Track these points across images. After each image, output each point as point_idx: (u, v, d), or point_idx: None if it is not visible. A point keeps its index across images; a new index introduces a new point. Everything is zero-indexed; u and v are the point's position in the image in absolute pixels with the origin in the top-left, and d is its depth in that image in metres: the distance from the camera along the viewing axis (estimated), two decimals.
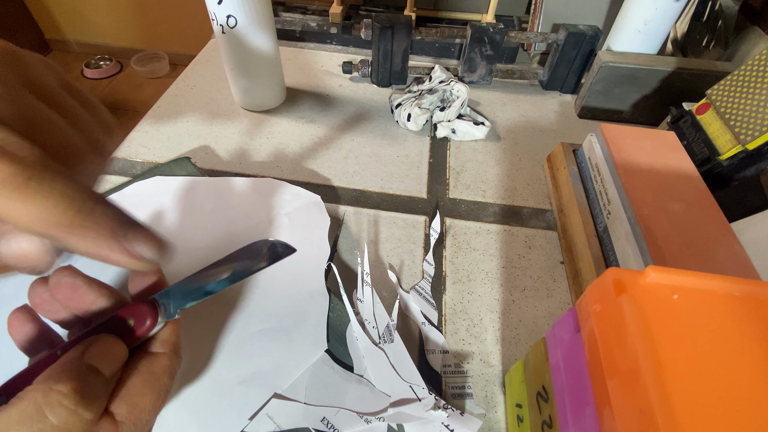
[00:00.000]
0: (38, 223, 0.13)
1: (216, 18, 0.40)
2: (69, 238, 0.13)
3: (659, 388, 0.14)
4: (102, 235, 0.14)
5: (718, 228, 0.30)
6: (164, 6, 1.78)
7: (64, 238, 0.13)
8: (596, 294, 0.19)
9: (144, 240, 0.15)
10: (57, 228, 0.13)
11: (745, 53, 0.51)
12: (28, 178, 0.12)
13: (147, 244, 0.15)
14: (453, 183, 0.44)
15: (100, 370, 0.16)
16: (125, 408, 0.16)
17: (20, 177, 0.12)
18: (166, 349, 0.19)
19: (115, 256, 0.14)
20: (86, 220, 0.13)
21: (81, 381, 0.15)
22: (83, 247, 0.14)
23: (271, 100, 0.50)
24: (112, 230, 0.14)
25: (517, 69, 0.57)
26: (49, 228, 0.13)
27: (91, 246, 0.14)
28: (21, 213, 0.12)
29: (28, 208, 0.12)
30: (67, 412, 0.14)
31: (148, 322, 0.18)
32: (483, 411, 0.28)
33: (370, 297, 0.32)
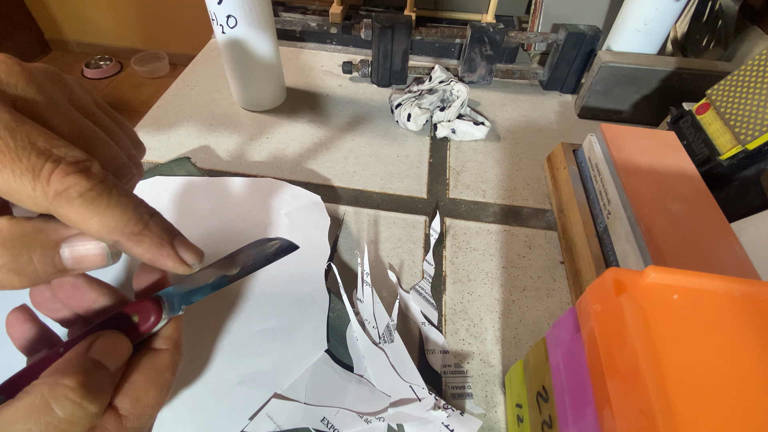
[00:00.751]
0: (107, 231, 0.15)
1: (216, 18, 0.40)
2: (129, 243, 0.15)
3: (659, 388, 0.14)
4: (155, 242, 0.16)
5: (718, 228, 0.30)
6: (164, 6, 1.79)
7: (125, 243, 0.15)
8: (596, 294, 0.19)
9: (187, 247, 0.17)
10: (121, 235, 0.15)
11: (745, 53, 0.51)
12: (100, 192, 0.14)
13: (189, 251, 0.17)
14: (453, 183, 0.44)
15: (105, 365, 0.16)
16: (129, 402, 0.17)
17: (94, 191, 0.14)
18: (168, 345, 0.19)
19: (164, 259, 0.16)
20: (144, 228, 0.15)
21: (87, 375, 0.15)
22: (139, 251, 0.16)
23: (271, 100, 0.50)
24: (163, 237, 0.16)
25: (517, 69, 0.57)
26: (115, 234, 0.15)
27: (146, 251, 0.16)
28: (93, 222, 0.14)
29: (99, 218, 0.14)
30: (73, 405, 0.14)
31: (152, 318, 0.18)
32: (483, 411, 0.28)
33: (370, 297, 0.32)
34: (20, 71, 0.15)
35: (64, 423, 0.14)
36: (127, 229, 0.15)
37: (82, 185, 0.14)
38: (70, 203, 0.14)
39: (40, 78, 0.16)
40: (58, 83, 0.17)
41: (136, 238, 0.15)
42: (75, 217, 0.14)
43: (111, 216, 0.14)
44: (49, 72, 0.16)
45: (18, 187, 0.13)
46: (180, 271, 0.17)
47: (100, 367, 0.16)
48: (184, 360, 0.28)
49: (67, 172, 0.14)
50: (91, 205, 0.14)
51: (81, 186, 0.14)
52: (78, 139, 0.15)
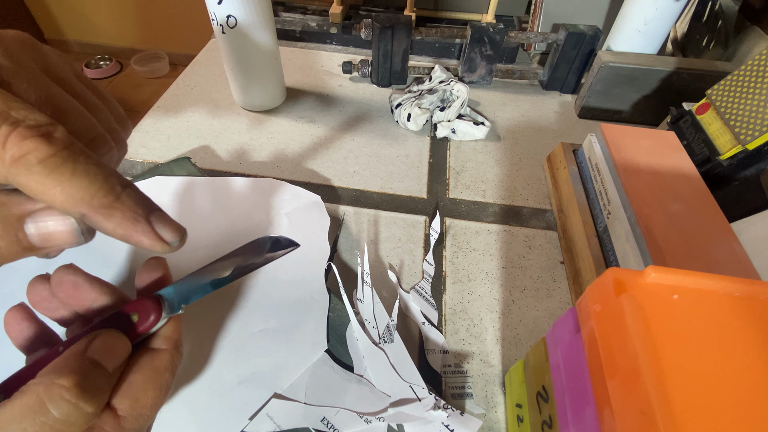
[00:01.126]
0: (72, 202, 0.13)
1: (216, 18, 0.40)
2: (98, 217, 0.14)
3: (659, 388, 0.14)
4: (128, 216, 0.14)
5: (718, 228, 0.30)
6: (164, 6, 1.79)
7: (94, 216, 0.14)
8: (596, 294, 0.19)
9: (165, 223, 0.16)
10: (89, 207, 0.13)
11: (745, 53, 0.51)
12: (64, 158, 0.13)
13: (168, 227, 0.16)
14: (453, 183, 0.44)
15: (103, 364, 0.16)
16: (127, 403, 0.16)
17: (57, 157, 0.13)
18: (168, 345, 0.19)
19: (138, 236, 0.15)
20: (115, 200, 0.14)
21: (83, 375, 0.15)
22: (111, 226, 0.14)
23: (271, 100, 0.50)
24: (138, 212, 0.15)
25: (517, 69, 0.57)
26: (82, 207, 0.13)
27: (118, 225, 0.14)
28: (56, 192, 0.13)
29: (63, 187, 0.13)
30: (68, 405, 0.14)
31: (152, 317, 0.18)
32: (483, 411, 0.28)
33: (370, 297, 0.32)
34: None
35: (59, 423, 0.14)
36: (95, 200, 0.13)
37: (42, 150, 0.13)
38: (29, 170, 0.12)
39: (10, 43, 0.15)
40: (32, 51, 0.15)
41: (105, 211, 0.14)
42: (35, 186, 0.13)
43: (76, 185, 0.13)
44: (24, 39, 0.15)
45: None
46: (158, 249, 0.15)
47: (97, 366, 0.16)
48: (185, 360, 0.28)
49: (25, 135, 0.12)
50: (53, 172, 0.13)
51: (41, 151, 0.13)
52: (46, 106, 0.14)
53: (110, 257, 0.33)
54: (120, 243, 0.34)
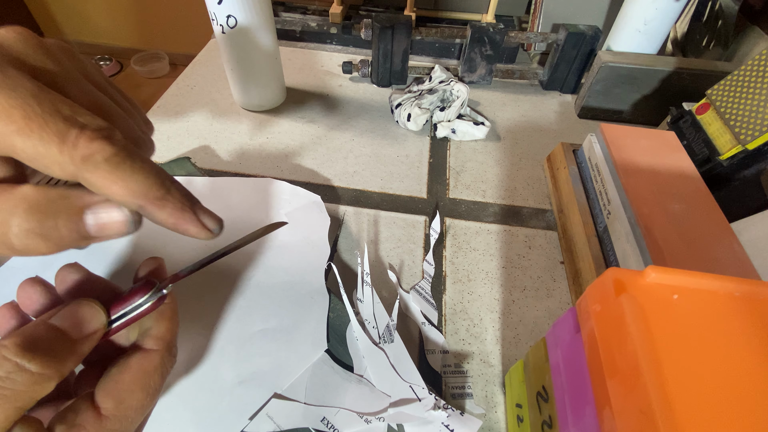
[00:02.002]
0: (131, 195, 0.15)
1: (216, 18, 0.40)
2: (153, 208, 0.15)
3: (659, 388, 0.14)
4: (177, 207, 0.16)
5: (718, 228, 0.30)
6: (164, 6, 1.79)
7: (149, 207, 0.15)
8: (596, 294, 0.19)
9: (207, 214, 0.17)
10: (145, 199, 0.15)
11: (745, 53, 0.51)
12: (124, 157, 0.14)
13: (210, 216, 0.17)
14: (453, 183, 0.44)
15: (65, 330, 0.16)
16: (112, 403, 0.16)
17: (119, 156, 0.14)
18: (159, 346, 0.19)
19: (186, 224, 0.16)
20: (167, 193, 0.16)
21: (29, 337, 0.15)
22: (163, 216, 0.16)
23: (271, 100, 0.50)
24: (185, 203, 0.16)
25: (517, 69, 0.57)
26: (139, 199, 0.15)
27: (170, 215, 0.16)
28: (118, 186, 0.14)
29: (125, 182, 0.14)
30: (8, 363, 0.14)
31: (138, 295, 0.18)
32: (483, 411, 0.28)
33: (370, 297, 0.32)
34: (37, 44, 0.15)
35: (3, 381, 0.14)
36: (150, 193, 0.15)
37: (107, 150, 0.14)
38: (96, 167, 0.14)
39: (56, 51, 0.16)
40: (72, 58, 0.17)
41: (159, 202, 0.15)
42: (101, 181, 0.14)
43: (135, 180, 0.15)
44: (63, 47, 0.17)
45: (45, 152, 0.14)
46: (202, 236, 0.17)
47: (55, 331, 0.16)
48: (185, 359, 0.28)
49: (92, 137, 0.14)
50: (116, 169, 0.14)
51: (106, 151, 0.14)
52: (96, 110, 0.16)
53: (110, 257, 0.33)
54: (119, 243, 0.34)
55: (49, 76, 0.15)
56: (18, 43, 0.15)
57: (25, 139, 0.13)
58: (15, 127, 0.13)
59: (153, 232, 0.35)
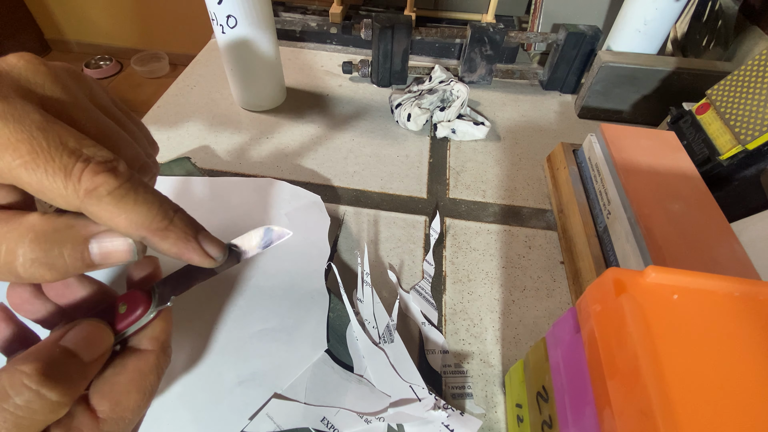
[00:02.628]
0: (134, 227, 0.15)
1: (216, 18, 0.40)
2: (156, 239, 0.16)
3: (659, 388, 0.14)
4: (181, 237, 0.16)
5: (718, 228, 0.30)
6: (164, 6, 1.79)
7: (152, 239, 0.16)
8: (596, 294, 0.19)
9: (211, 241, 0.18)
10: (148, 231, 0.15)
11: (745, 53, 0.51)
12: (127, 189, 0.15)
13: (213, 244, 0.18)
14: (453, 183, 0.44)
15: (77, 353, 0.16)
16: (108, 405, 0.16)
17: (122, 189, 0.15)
18: (155, 346, 0.18)
19: (190, 253, 0.17)
20: (170, 224, 0.16)
21: (49, 362, 0.14)
22: (166, 246, 0.16)
23: (271, 100, 0.50)
24: (188, 232, 0.17)
25: (517, 69, 0.57)
26: (142, 231, 0.15)
27: (173, 245, 0.16)
28: (122, 219, 0.15)
29: (128, 215, 0.15)
30: (29, 392, 0.14)
31: (141, 308, 0.18)
32: (483, 411, 0.28)
33: (370, 297, 0.32)
34: (46, 71, 0.15)
35: (21, 410, 0.13)
36: (153, 225, 0.15)
37: (110, 183, 0.14)
38: (100, 201, 0.14)
39: (64, 77, 0.16)
40: (80, 82, 0.17)
41: (162, 233, 0.16)
42: (104, 214, 0.15)
43: (138, 213, 0.15)
44: (71, 71, 0.17)
45: (51, 185, 0.14)
46: (206, 265, 0.17)
47: (69, 355, 0.15)
48: (185, 359, 0.28)
49: (96, 171, 0.14)
50: (120, 202, 0.15)
51: (110, 184, 0.14)
52: (103, 138, 0.16)
53: None
54: None
55: (56, 105, 0.15)
56: (26, 71, 0.15)
57: (31, 173, 0.14)
58: (21, 161, 0.13)
59: None
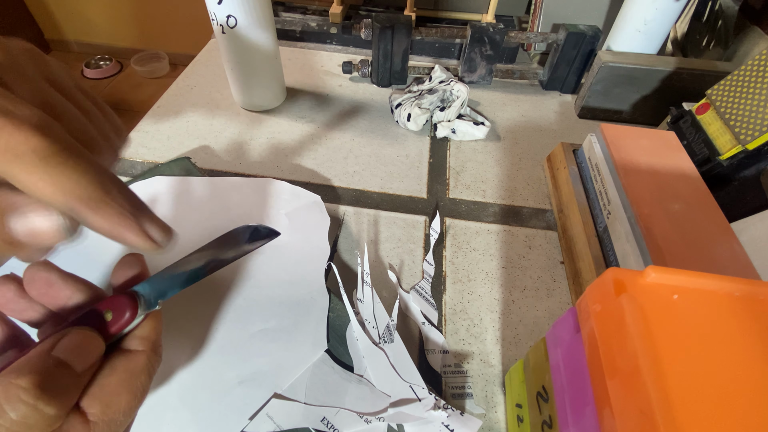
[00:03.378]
0: (60, 194, 0.13)
1: (216, 18, 0.40)
2: (86, 210, 0.14)
3: (659, 388, 0.14)
4: (118, 213, 0.14)
5: (718, 228, 0.30)
6: (164, 6, 1.79)
7: (81, 210, 0.14)
8: (596, 294, 0.19)
9: (154, 222, 0.16)
10: (77, 199, 0.13)
11: (745, 53, 0.51)
12: (56, 151, 0.13)
13: (156, 226, 0.16)
14: (453, 183, 0.44)
15: (70, 364, 0.15)
16: (98, 408, 0.16)
17: (48, 150, 0.13)
18: (145, 347, 0.18)
19: (125, 232, 0.15)
20: (105, 196, 0.14)
21: (44, 375, 0.14)
22: (98, 221, 0.14)
23: (271, 100, 0.50)
24: (127, 209, 0.15)
25: (517, 69, 0.57)
26: (70, 199, 0.13)
27: (107, 222, 0.14)
28: (45, 183, 0.13)
29: (53, 179, 0.13)
30: (26, 407, 0.13)
31: (127, 314, 0.17)
32: (483, 411, 0.28)
33: (370, 297, 0.32)
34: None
35: (17, 425, 0.13)
36: (84, 194, 0.13)
37: (34, 141, 0.12)
38: (20, 159, 0.12)
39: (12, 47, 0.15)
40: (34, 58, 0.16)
41: (94, 205, 0.14)
42: (24, 176, 0.13)
43: (68, 178, 0.13)
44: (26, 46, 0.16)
45: None
46: (146, 249, 0.15)
47: (63, 366, 0.15)
48: (185, 359, 0.28)
49: (19, 126, 0.12)
50: (45, 163, 0.13)
51: (33, 142, 0.12)
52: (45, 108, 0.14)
53: (89, 256, 0.33)
54: (101, 242, 0.34)
55: None
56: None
57: None
58: None
59: None
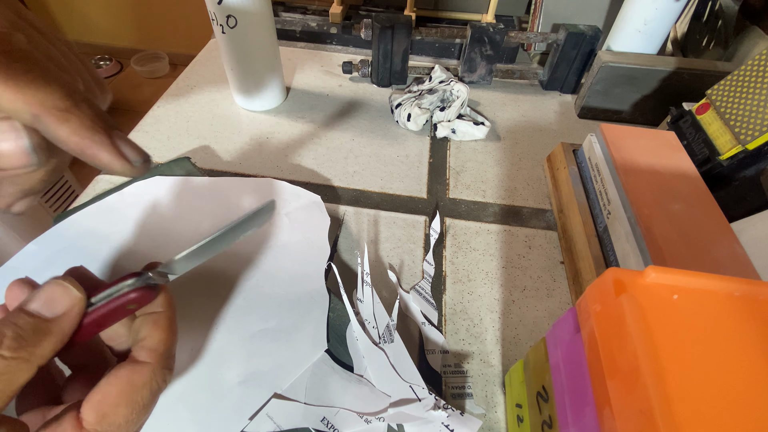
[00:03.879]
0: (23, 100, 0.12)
1: (216, 18, 0.40)
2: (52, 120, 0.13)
3: (659, 388, 0.14)
4: (86, 124, 0.13)
5: (718, 228, 0.30)
6: (164, 6, 1.78)
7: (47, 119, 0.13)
8: (596, 294, 0.19)
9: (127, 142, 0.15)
10: (41, 107, 0.13)
11: (745, 53, 0.51)
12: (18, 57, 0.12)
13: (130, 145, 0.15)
14: (453, 183, 0.44)
15: (37, 312, 0.15)
16: (94, 416, 0.15)
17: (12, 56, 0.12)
18: (152, 359, 0.17)
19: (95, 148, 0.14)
20: (73, 106, 0.13)
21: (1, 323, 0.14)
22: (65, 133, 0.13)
23: (271, 100, 0.50)
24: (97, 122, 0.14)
25: (517, 69, 0.57)
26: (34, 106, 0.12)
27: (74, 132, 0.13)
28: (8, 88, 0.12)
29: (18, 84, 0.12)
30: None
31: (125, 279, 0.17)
32: (483, 411, 0.28)
33: (370, 297, 0.32)
34: None
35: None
36: (50, 102, 0.13)
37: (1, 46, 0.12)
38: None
39: None
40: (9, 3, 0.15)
41: (61, 114, 0.13)
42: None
43: (33, 85, 0.12)
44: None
45: None
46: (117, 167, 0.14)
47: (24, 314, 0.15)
48: (185, 360, 0.28)
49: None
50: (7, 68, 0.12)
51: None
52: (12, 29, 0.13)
53: (89, 255, 0.33)
54: (98, 243, 0.34)
55: None
56: None
57: None
58: None
59: (149, 236, 0.35)
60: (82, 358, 0.20)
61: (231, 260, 0.33)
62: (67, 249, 0.33)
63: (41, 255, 0.32)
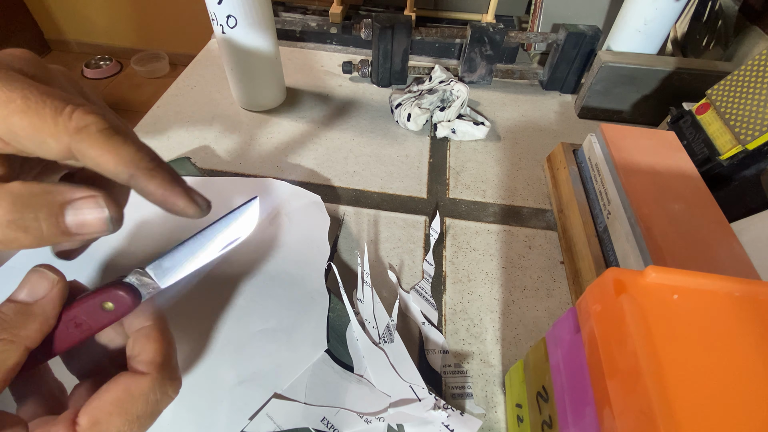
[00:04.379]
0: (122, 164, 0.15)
1: (216, 18, 0.40)
2: (144, 178, 0.16)
3: (659, 388, 0.14)
4: (167, 179, 0.17)
5: (718, 228, 0.30)
6: (164, 6, 1.79)
7: (140, 177, 0.16)
8: (596, 294, 0.19)
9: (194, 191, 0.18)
10: (136, 168, 0.16)
11: (745, 53, 0.51)
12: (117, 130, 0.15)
13: (197, 194, 0.18)
14: (453, 183, 0.44)
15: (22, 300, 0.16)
16: (87, 422, 0.16)
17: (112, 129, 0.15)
18: (151, 370, 0.17)
19: (175, 197, 0.17)
20: (157, 166, 0.16)
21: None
22: (152, 187, 0.16)
23: (271, 100, 0.50)
24: (174, 176, 0.17)
25: (517, 69, 0.57)
26: (131, 167, 0.16)
27: (159, 186, 0.16)
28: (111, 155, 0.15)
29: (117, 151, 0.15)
30: None
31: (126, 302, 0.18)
32: (483, 411, 0.28)
33: (370, 297, 0.32)
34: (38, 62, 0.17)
35: None
36: (142, 163, 0.16)
37: (101, 123, 0.15)
38: (90, 136, 0.15)
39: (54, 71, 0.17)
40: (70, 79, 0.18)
41: (150, 173, 0.16)
42: (94, 150, 0.15)
43: (128, 150, 0.15)
44: (63, 70, 0.18)
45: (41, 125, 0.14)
46: (190, 212, 0.17)
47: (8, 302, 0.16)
48: (185, 360, 0.28)
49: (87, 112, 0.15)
50: (109, 139, 0.15)
51: (100, 123, 0.15)
52: None
53: (88, 255, 0.33)
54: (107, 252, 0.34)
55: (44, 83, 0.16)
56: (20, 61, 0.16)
57: (23, 116, 0.14)
58: (14, 107, 0.14)
59: (149, 236, 0.35)
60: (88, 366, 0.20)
61: (231, 260, 0.33)
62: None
63: (41, 255, 0.32)
